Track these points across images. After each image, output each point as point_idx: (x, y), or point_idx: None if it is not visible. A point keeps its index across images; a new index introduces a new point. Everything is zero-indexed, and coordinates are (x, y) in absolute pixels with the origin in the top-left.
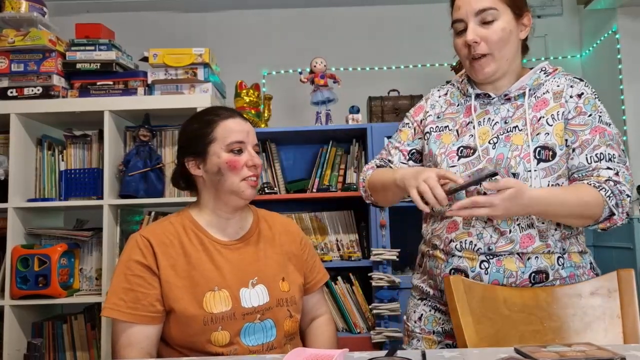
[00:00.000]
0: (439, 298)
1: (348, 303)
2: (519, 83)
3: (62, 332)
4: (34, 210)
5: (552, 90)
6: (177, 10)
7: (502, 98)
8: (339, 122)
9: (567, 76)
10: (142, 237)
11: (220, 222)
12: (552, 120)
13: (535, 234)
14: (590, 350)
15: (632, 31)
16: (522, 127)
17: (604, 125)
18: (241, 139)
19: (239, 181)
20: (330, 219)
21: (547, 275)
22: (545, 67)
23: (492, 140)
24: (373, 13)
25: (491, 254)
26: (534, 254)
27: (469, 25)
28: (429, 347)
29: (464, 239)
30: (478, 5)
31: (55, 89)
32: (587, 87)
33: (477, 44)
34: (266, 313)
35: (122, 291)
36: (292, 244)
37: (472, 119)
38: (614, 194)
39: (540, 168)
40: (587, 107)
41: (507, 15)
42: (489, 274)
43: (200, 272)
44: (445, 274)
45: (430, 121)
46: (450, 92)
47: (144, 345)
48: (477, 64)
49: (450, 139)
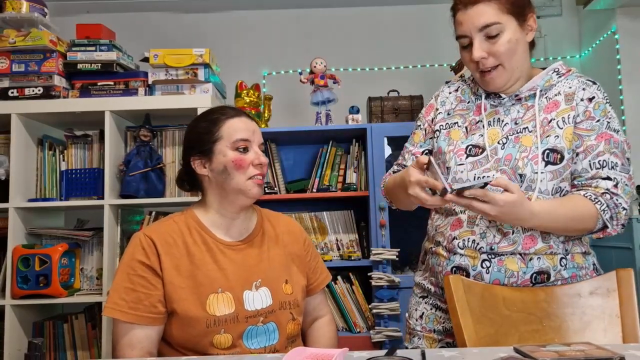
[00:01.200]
0: (440, 295)
1: (348, 302)
2: (531, 83)
3: (62, 332)
4: (34, 210)
5: (564, 92)
6: (178, 11)
7: (513, 98)
8: (339, 122)
9: (580, 78)
10: (146, 237)
11: (225, 222)
12: (562, 124)
13: (538, 235)
14: (589, 350)
15: (632, 31)
16: (532, 129)
17: (612, 131)
18: (247, 137)
19: (245, 180)
20: (330, 219)
21: (549, 276)
22: (558, 68)
23: (501, 140)
24: (373, 13)
25: (493, 253)
26: (536, 255)
27: (475, 41)
28: (429, 346)
29: (467, 237)
30: (481, 22)
31: (56, 89)
32: (600, 90)
33: (485, 59)
34: (269, 316)
35: (124, 291)
36: (296, 244)
37: (482, 118)
38: (609, 207)
39: (547, 170)
40: (597, 112)
41: (512, 25)
42: (490, 273)
43: (204, 272)
44: (447, 271)
45: (441, 119)
46: (462, 88)
47: (144, 345)
48: (488, 77)
49: (459, 136)
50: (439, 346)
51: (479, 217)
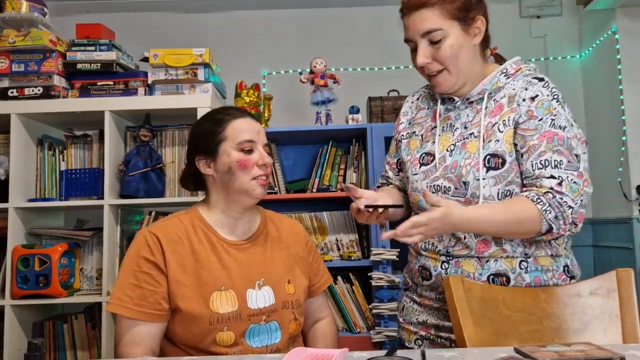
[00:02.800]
0: (414, 290)
1: (348, 303)
2: (480, 86)
3: (62, 332)
4: (34, 210)
5: (508, 94)
6: (178, 11)
7: (465, 102)
8: (339, 122)
9: (525, 77)
10: (151, 234)
11: (229, 221)
12: (503, 127)
13: (490, 240)
14: (589, 350)
15: (632, 31)
16: (477, 134)
17: (557, 129)
18: (251, 138)
19: (249, 180)
20: (330, 219)
21: (508, 278)
22: (507, 69)
23: (449, 147)
24: (373, 13)
25: (450, 255)
26: (493, 258)
27: (419, 46)
28: (408, 338)
29: (428, 239)
30: (423, 27)
31: (56, 89)
32: (546, 87)
33: (430, 64)
34: (271, 315)
35: (129, 287)
36: (299, 246)
37: (437, 124)
38: (552, 207)
39: (489, 176)
40: (539, 111)
41: (455, 30)
42: (449, 274)
43: (208, 271)
44: (415, 269)
45: (402, 128)
46: (423, 96)
47: (147, 343)
48: (435, 81)
49: (415, 145)
50: (414, 338)
51: None
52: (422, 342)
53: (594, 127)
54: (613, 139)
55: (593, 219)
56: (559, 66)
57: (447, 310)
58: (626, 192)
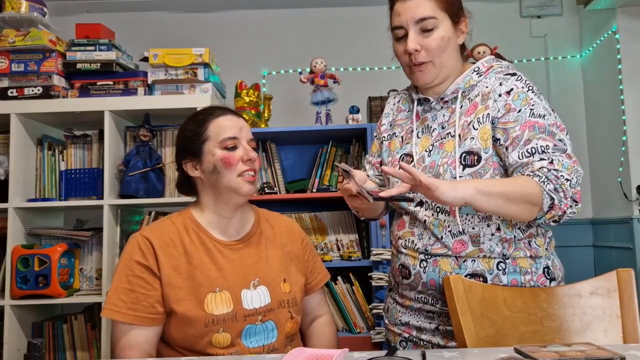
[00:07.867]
0: (396, 290)
1: (348, 303)
2: (454, 86)
3: (62, 332)
4: (34, 210)
5: (481, 92)
6: (177, 11)
7: (440, 102)
8: (339, 122)
9: (498, 74)
10: (143, 238)
11: (221, 222)
12: (477, 124)
13: (467, 240)
14: (590, 350)
15: (632, 31)
16: (453, 134)
17: (536, 117)
18: (234, 135)
19: (235, 177)
20: (330, 219)
21: (485, 279)
22: (478, 67)
23: (428, 147)
24: (373, 13)
25: (428, 254)
26: (470, 257)
27: (410, 33)
28: (393, 339)
29: (408, 237)
30: (418, 14)
31: (56, 89)
32: (520, 80)
33: (418, 52)
34: (267, 314)
35: (123, 292)
36: (294, 244)
37: (414, 126)
38: (548, 178)
39: (466, 173)
40: (517, 103)
41: (446, 23)
42: (427, 272)
43: (202, 272)
44: (396, 267)
45: (384, 130)
46: (403, 97)
47: (143, 347)
48: (418, 71)
49: (395, 146)
50: (399, 340)
51: (418, 219)
52: (407, 344)
53: (594, 127)
54: (613, 138)
55: (593, 219)
56: (559, 66)
57: (427, 312)
58: (626, 192)
